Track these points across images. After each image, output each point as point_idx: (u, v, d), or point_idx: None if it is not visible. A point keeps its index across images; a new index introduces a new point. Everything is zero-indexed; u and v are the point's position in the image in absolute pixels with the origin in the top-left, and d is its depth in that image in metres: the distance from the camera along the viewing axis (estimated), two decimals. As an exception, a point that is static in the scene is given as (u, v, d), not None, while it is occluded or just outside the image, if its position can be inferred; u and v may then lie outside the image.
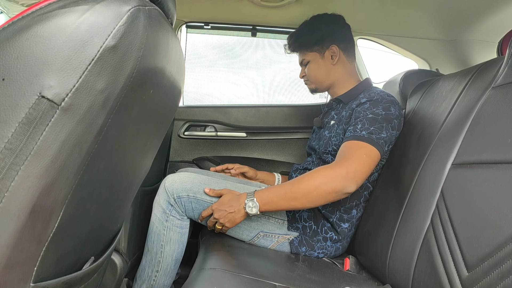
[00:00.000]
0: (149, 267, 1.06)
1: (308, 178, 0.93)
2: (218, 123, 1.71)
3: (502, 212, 0.60)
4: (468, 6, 1.31)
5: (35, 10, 0.40)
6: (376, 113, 1.01)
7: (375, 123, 0.99)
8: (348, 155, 0.95)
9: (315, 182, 0.91)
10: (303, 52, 1.24)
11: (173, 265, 1.07)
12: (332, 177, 0.91)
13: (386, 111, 1.01)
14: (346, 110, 1.14)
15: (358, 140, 0.97)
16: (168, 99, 0.69)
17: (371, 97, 1.06)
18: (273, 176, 1.40)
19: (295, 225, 1.07)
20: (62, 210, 0.44)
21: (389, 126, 1.00)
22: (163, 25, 0.55)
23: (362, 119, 1.01)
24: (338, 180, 0.90)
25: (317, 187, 0.91)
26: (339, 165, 0.93)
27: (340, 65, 1.21)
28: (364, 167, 0.93)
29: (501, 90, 0.74)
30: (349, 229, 1.08)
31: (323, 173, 0.92)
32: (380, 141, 0.97)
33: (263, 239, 1.07)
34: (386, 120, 1.00)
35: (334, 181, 0.90)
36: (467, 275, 0.62)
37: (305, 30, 1.24)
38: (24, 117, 0.38)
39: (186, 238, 1.09)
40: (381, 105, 1.03)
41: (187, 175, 1.09)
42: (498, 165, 0.64)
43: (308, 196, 0.91)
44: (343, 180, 0.90)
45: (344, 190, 0.91)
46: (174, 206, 1.04)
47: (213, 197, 1.04)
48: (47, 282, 0.47)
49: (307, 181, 0.92)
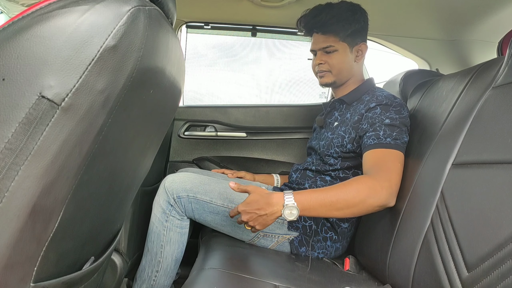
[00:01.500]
0: (149, 267, 1.06)
1: (355, 190, 0.88)
2: (218, 123, 1.71)
3: (502, 212, 0.60)
4: (468, 6, 1.31)
5: (35, 10, 0.40)
6: (392, 118, 0.99)
7: (395, 128, 0.98)
8: (386, 167, 0.92)
9: (362, 195, 0.87)
10: (333, 38, 1.11)
11: (173, 265, 1.07)
12: (378, 191, 0.87)
13: (400, 115, 1.00)
14: (351, 112, 1.12)
15: (387, 148, 0.95)
16: (168, 99, 0.69)
17: (380, 101, 1.04)
18: (272, 178, 1.40)
19: (295, 225, 1.07)
20: (62, 210, 0.44)
21: (406, 128, 1.00)
22: (163, 25, 0.55)
23: (380, 125, 0.99)
24: (384, 194, 0.87)
25: (363, 200, 0.87)
26: (383, 178, 0.89)
27: (359, 64, 1.18)
28: (399, 175, 0.92)
29: (501, 90, 0.74)
30: (349, 229, 1.08)
31: (369, 185, 0.88)
32: (404, 145, 0.97)
33: (263, 239, 1.07)
34: (403, 124, 1.00)
35: (380, 195, 0.87)
36: (467, 275, 0.62)
37: (347, 14, 1.10)
38: (24, 117, 0.38)
39: (186, 238, 1.09)
40: (393, 109, 1.01)
41: (187, 175, 1.08)
42: (498, 165, 0.64)
43: (353, 209, 0.87)
44: (388, 195, 0.88)
45: (388, 204, 0.89)
46: (174, 206, 1.04)
47: (214, 197, 1.04)
48: (47, 282, 0.47)
49: (355, 192, 0.87)
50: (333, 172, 1.11)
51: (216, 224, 1.08)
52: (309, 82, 1.99)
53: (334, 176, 1.11)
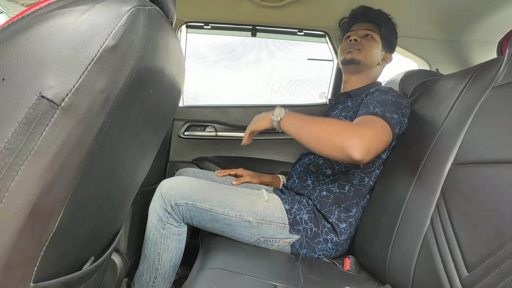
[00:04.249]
0: (147, 273, 1.04)
1: (331, 123, 0.91)
2: (218, 123, 1.71)
3: (502, 212, 0.60)
4: (468, 6, 1.31)
5: (35, 10, 0.40)
6: (386, 98, 1.02)
7: (386, 105, 0.99)
8: (365, 124, 0.92)
9: (332, 127, 0.89)
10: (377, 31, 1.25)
11: (171, 271, 1.05)
12: (347, 133, 0.86)
13: (396, 98, 1.03)
14: (353, 102, 1.17)
15: (372, 115, 0.96)
16: (168, 99, 0.69)
17: (380, 88, 1.10)
18: (278, 179, 1.39)
19: (296, 228, 1.06)
20: (62, 211, 0.44)
21: (400, 112, 1.00)
22: (163, 25, 0.55)
23: (372, 102, 1.01)
24: (352, 138, 0.84)
25: (330, 132, 0.88)
26: (360, 128, 0.89)
27: (380, 67, 1.29)
28: (379, 140, 0.89)
29: (501, 90, 0.74)
30: (349, 230, 1.08)
31: (344, 125, 0.90)
32: (393, 121, 0.96)
33: (263, 244, 1.06)
34: (396, 106, 1.00)
35: (347, 136, 0.85)
36: (467, 275, 0.62)
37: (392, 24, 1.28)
38: (24, 117, 0.38)
39: (184, 243, 1.06)
40: (391, 94, 1.05)
41: (185, 180, 1.04)
42: (498, 165, 0.64)
43: (318, 136, 0.90)
44: (356, 141, 0.84)
45: (350, 151, 0.83)
46: (171, 213, 1.00)
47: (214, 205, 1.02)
48: (47, 282, 0.47)
49: (328, 125, 0.91)
50: (336, 165, 1.13)
51: (215, 231, 1.06)
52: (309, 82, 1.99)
53: (337, 171, 1.12)
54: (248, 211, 1.03)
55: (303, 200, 1.11)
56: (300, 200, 1.11)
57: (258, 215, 1.03)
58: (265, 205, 1.06)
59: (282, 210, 1.06)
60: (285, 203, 1.08)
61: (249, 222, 1.03)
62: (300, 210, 1.07)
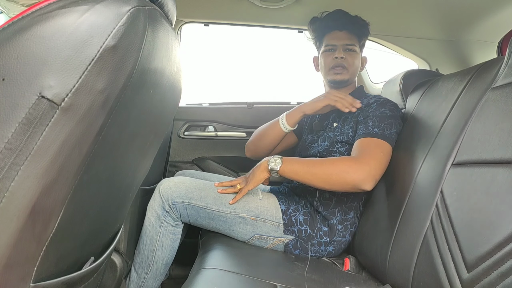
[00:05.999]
0: (138, 268, 1.08)
1: (333, 162, 0.96)
2: (218, 123, 1.71)
3: (502, 212, 0.60)
4: (468, 6, 1.31)
5: (35, 10, 0.40)
6: (384, 112, 1.07)
7: (385, 120, 1.04)
8: (367, 152, 0.98)
9: (338, 168, 0.94)
10: (355, 40, 1.23)
11: (162, 269, 1.08)
12: (355, 169, 0.93)
13: (393, 112, 1.08)
14: None
15: (371, 137, 1.01)
16: (168, 99, 0.69)
17: (377, 99, 1.13)
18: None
19: (291, 229, 1.06)
20: (62, 210, 0.44)
21: (397, 122, 1.07)
22: (163, 25, 0.55)
23: (372, 118, 1.06)
24: (360, 173, 0.92)
25: (338, 173, 0.94)
26: (363, 161, 0.95)
27: (359, 73, 1.32)
28: (381, 165, 0.97)
29: (501, 90, 0.74)
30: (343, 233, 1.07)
31: (348, 163, 0.95)
32: (392, 136, 1.03)
33: (258, 241, 1.07)
34: (394, 118, 1.07)
35: (356, 174, 0.92)
36: (467, 275, 0.62)
37: (367, 27, 1.26)
38: (24, 117, 0.38)
39: (178, 243, 1.10)
40: (388, 106, 1.10)
41: (182, 180, 1.08)
42: (498, 165, 0.64)
43: (327, 178, 0.95)
44: (364, 175, 0.92)
45: (361, 185, 0.93)
46: (168, 212, 1.04)
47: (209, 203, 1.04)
48: (47, 282, 0.47)
49: (331, 165, 0.96)
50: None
51: (212, 228, 1.09)
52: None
53: None
54: (242, 208, 1.05)
55: (302, 201, 1.11)
56: (298, 201, 1.11)
57: (252, 212, 1.05)
58: (259, 203, 1.07)
59: (277, 209, 1.07)
60: (281, 204, 1.09)
61: (243, 219, 1.04)
62: (297, 211, 1.08)
